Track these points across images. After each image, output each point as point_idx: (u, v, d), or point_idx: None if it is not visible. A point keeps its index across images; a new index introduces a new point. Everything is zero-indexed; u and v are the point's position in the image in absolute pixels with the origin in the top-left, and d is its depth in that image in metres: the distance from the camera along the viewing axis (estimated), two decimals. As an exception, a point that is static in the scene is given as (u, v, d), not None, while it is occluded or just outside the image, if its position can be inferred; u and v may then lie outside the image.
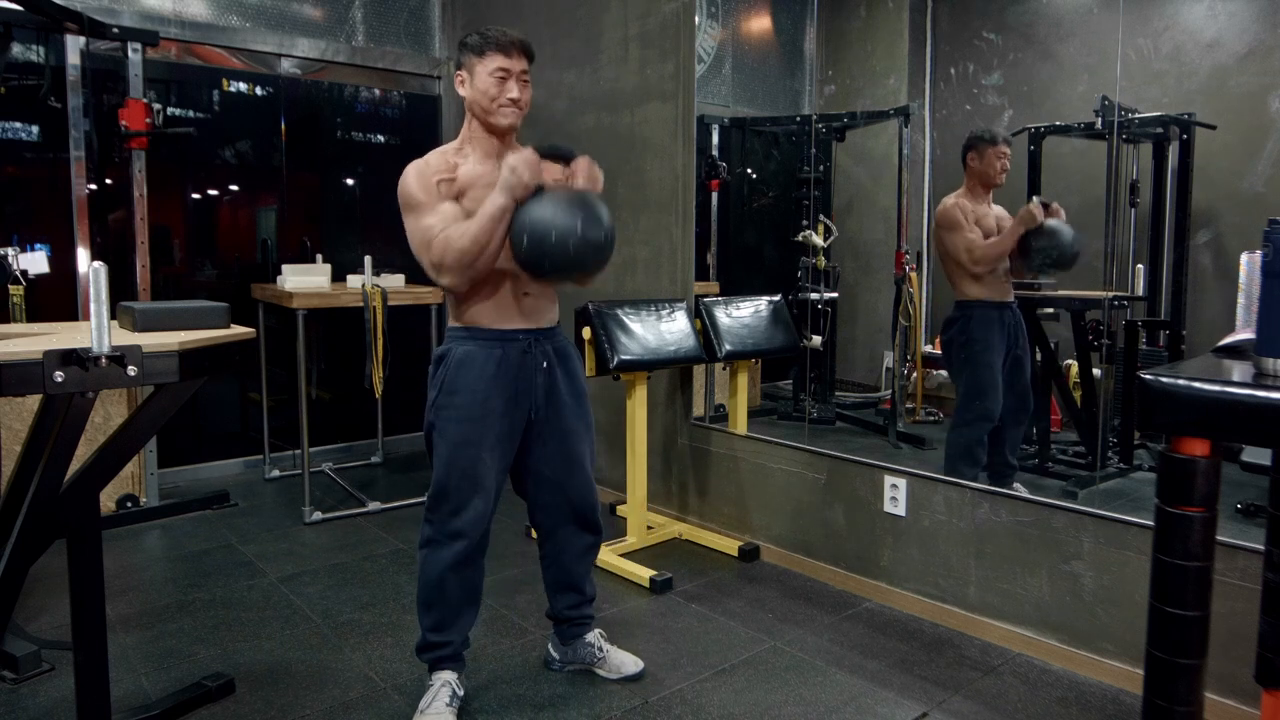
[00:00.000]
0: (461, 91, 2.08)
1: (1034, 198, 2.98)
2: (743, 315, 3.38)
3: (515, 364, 2.07)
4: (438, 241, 1.96)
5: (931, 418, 3.61)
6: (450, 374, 2.06)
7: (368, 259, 3.80)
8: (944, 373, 3.53)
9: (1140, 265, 3.01)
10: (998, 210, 3.08)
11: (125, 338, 1.66)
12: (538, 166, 1.92)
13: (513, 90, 2.03)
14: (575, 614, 2.32)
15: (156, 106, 3.58)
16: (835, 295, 3.67)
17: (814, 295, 3.61)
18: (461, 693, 2.13)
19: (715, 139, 3.93)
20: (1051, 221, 2.91)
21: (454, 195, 2.02)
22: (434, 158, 2.06)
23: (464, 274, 1.96)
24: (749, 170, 4.19)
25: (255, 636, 2.55)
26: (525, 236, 1.88)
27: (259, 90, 4.39)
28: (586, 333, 3.01)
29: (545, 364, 2.11)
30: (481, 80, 2.03)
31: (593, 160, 2.07)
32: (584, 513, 2.23)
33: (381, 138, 4.87)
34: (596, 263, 1.96)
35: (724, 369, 3.55)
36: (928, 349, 3.57)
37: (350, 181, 4.80)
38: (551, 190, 1.94)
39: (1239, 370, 1.34)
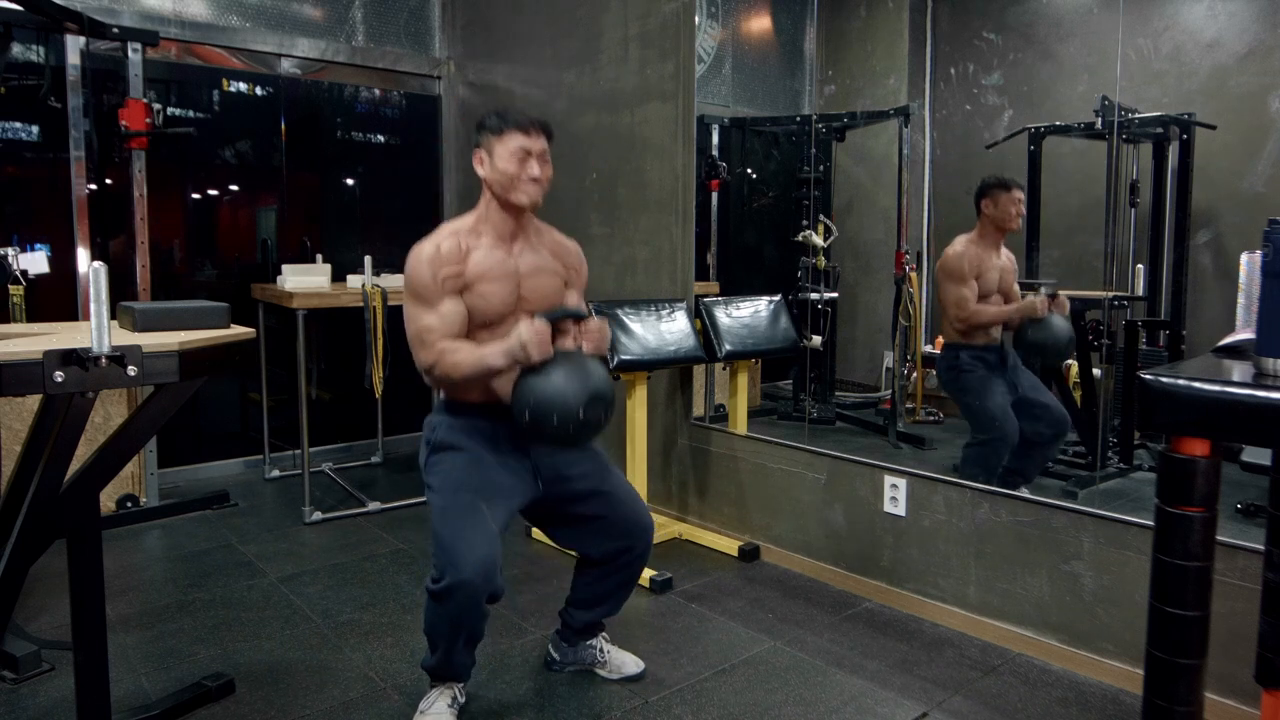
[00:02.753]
0: (480, 171, 2.05)
1: (1042, 288, 2.97)
2: (743, 315, 3.38)
3: (508, 435, 2.06)
4: (433, 350, 1.96)
5: (931, 418, 3.60)
6: (439, 436, 2.07)
7: (368, 259, 3.80)
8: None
9: (1140, 265, 3.01)
10: (1005, 260, 3.07)
11: (125, 338, 1.66)
12: (547, 345, 1.90)
13: (534, 169, 2.01)
14: (595, 624, 2.32)
15: (156, 106, 3.58)
16: (835, 295, 3.67)
17: (814, 295, 3.61)
18: (463, 699, 2.13)
19: (715, 139, 3.93)
20: (1053, 317, 2.91)
21: (460, 289, 2.00)
22: (446, 243, 2.01)
23: (450, 385, 2.01)
24: (749, 170, 4.19)
25: (255, 636, 2.55)
26: (527, 412, 1.89)
27: (259, 90, 4.39)
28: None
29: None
30: (501, 160, 2.00)
31: (604, 320, 2.06)
32: (635, 522, 2.17)
33: (381, 138, 4.87)
34: (595, 436, 2.00)
35: (724, 369, 3.55)
36: (928, 349, 3.57)
37: (350, 181, 4.80)
38: (557, 360, 1.92)
39: (1239, 370, 1.34)
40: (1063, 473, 3.03)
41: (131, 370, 1.56)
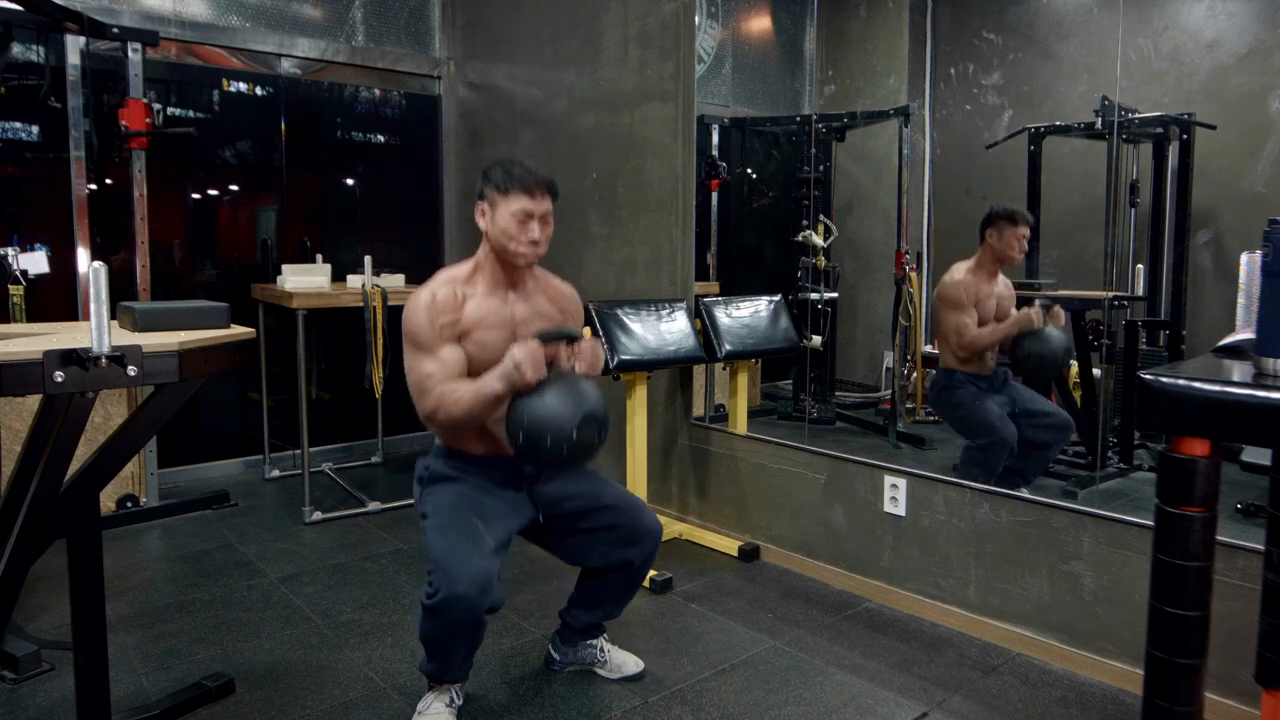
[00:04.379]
0: (481, 223, 2.05)
1: (1036, 302, 2.98)
2: (743, 315, 3.38)
3: (504, 474, 2.08)
4: (433, 395, 1.97)
5: (931, 418, 3.60)
6: (434, 470, 2.09)
7: (368, 259, 3.80)
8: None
9: (1140, 265, 3.01)
10: (1002, 287, 3.08)
11: (125, 338, 1.66)
12: (541, 364, 1.92)
13: (534, 232, 2.01)
14: (596, 625, 2.32)
15: (156, 106, 3.58)
16: (835, 295, 3.67)
17: (814, 295, 3.61)
18: (460, 701, 2.13)
19: (715, 139, 3.92)
20: (1049, 329, 2.92)
21: (457, 337, 2.01)
22: (442, 292, 2.02)
23: (453, 430, 2.03)
24: (749, 170, 4.19)
25: (255, 636, 2.55)
26: (521, 434, 1.90)
27: (259, 90, 4.39)
28: (586, 333, 3.01)
29: (539, 474, 2.13)
30: (503, 219, 2.00)
31: (597, 341, 2.07)
32: (642, 527, 2.17)
33: (381, 138, 4.87)
34: (589, 458, 2.01)
35: (724, 369, 3.55)
36: (928, 349, 3.57)
37: (350, 181, 4.80)
38: (551, 381, 1.93)
39: (1239, 370, 1.34)
40: (1063, 473, 3.03)
41: (131, 370, 1.56)
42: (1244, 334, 1.49)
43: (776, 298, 3.51)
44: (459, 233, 4.87)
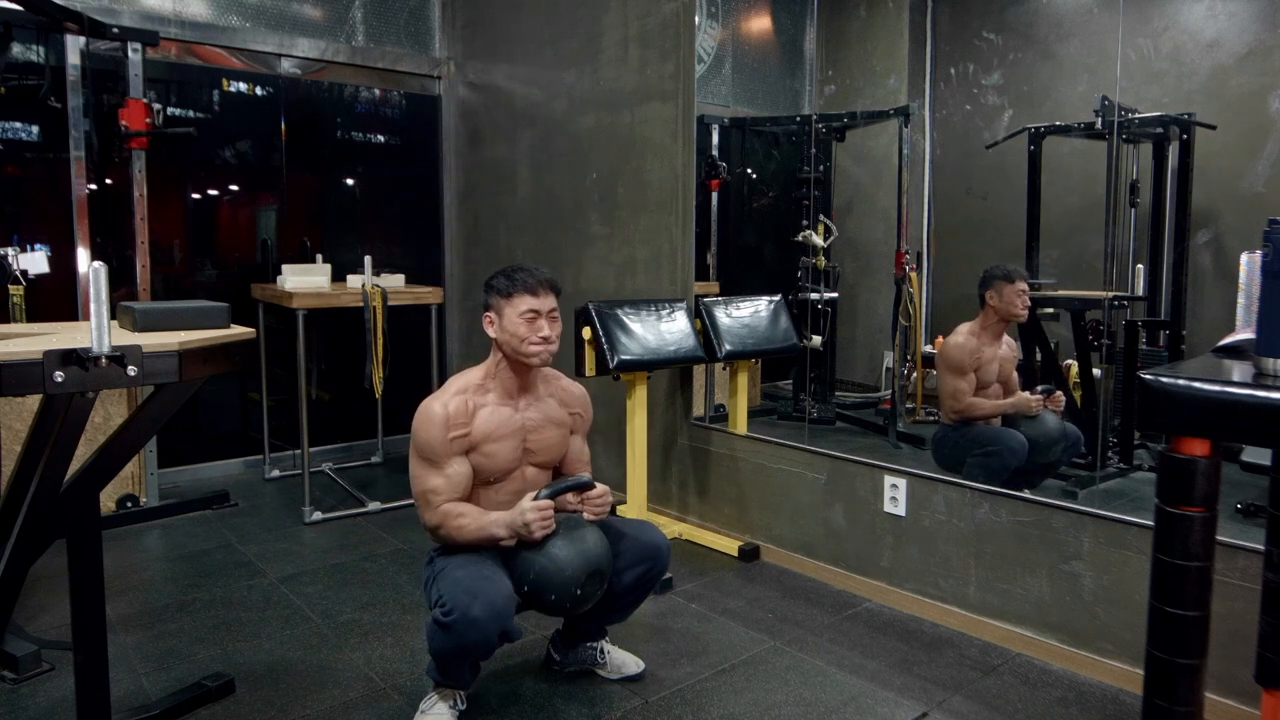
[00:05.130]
0: (490, 332, 2.09)
1: (1038, 389, 2.98)
2: (743, 315, 3.38)
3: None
4: (437, 513, 2.01)
5: (931, 418, 3.60)
6: (441, 552, 2.10)
7: (368, 259, 3.80)
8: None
9: (1140, 265, 3.01)
10: (1005, 350, 3.08)
11: (125, 338, 1.66)
12: (551, 524, 1.95)
13: (543, 329, 2.05)
14: (598, 628, 2.32)
15: (156, 106, 3.58)
16: (835, 295, 3.67)
17: (814, 295, 3.61)
18: (464, 705, 2.13)
19: (715, 139, 3.92)
20: (1046, 415, 2.93)
21: (466, 450, 2.04)
22: (454, 404, 2.04)
23: (451, 544, 2.05)
24: (749, 170, 4.19)
25: (255, 636, 2.55)
26: (526, 585, 1.96)
27: (259, 90, 4.39)
28: (586, 333, 3.01)
29: None
30: (510, 322, 2.04)
31: (606, 490, 2.09)
32: (651, 543, 2.17)
33: (381, 138, 4.87)
34: (589, 606, 2.05)
35: (724, 369, 3.55)
36: (928, 349, 3.57)
37: (350, 181, 4.80)
38: (558, 533, 1.97)
39: (1239, 370, 1.34)
40: (1063, 473, 3.03)
41: (131, 370, 1.56)
42: (1244, 334, 1.49)
43: (776, 298, 3.51)
44: (459, 232, 4.87)
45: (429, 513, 2.03)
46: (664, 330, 3.14)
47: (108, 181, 3.89)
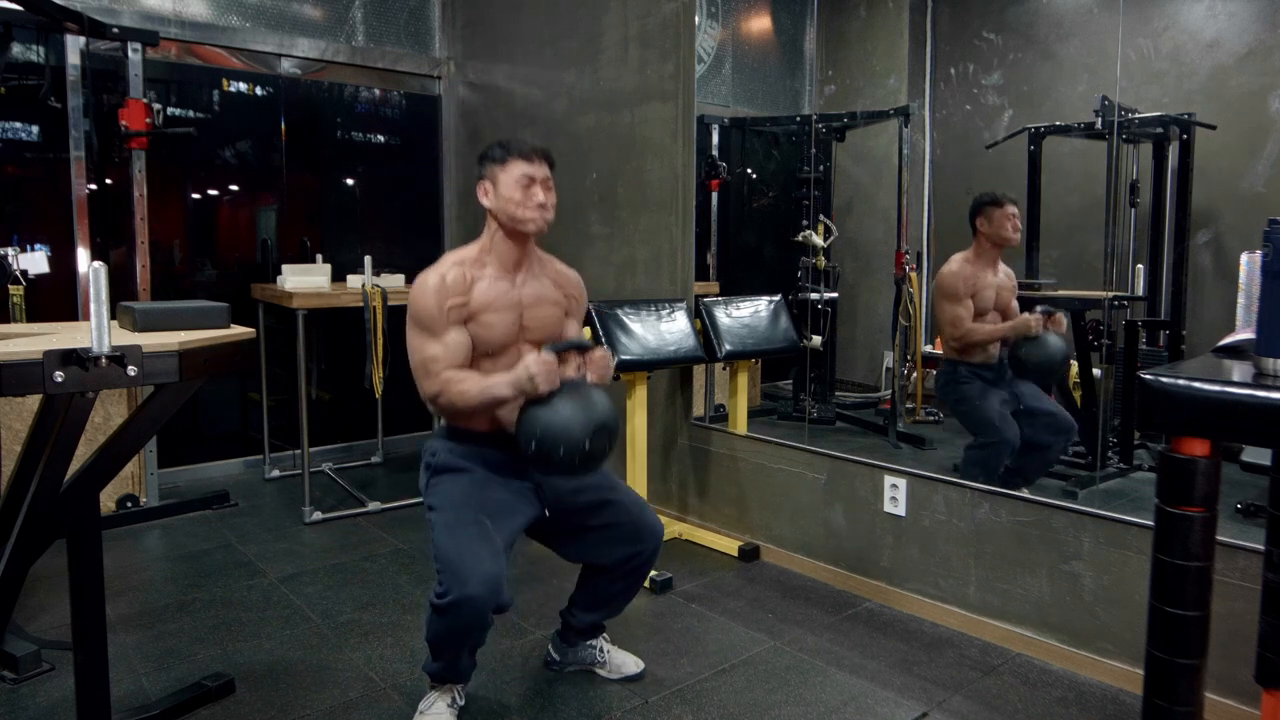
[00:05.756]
0: (485, 202, 2.07)
1: (1037, 308, 2.96)
2: (743, 315, 3.38)
3: (511, 460, 2.05)
4: (437, 380, 1.97)
5: (931, 418, 3.60)
6: (440, 460, 2.07)
7: (368, 259, 3.80)
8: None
9: (1140, 265, 3.01)
10: (1002, 277, 3.07)
11: (125, 338, 1.66)
12: (555, 377, 1.90)
13: (538, 195, 2.02)
14: (596, 625, 2.32)
15: (156, 106, 3.58)
16: (835, 295, 3.67)
17: (814, 295, 3.61)
18: (462, 701, 2.13)
19: (715, 139, 3.92)
20: (1049, 335, 2.92)
21: (464, 319, 2.01)
22: (451, 274, 2.02)
23: (454, 413, 2.02)
24: (749, 170, 4.19)
25: (255, 636, 2.55)
26: (533, 443, 1.90)
27: (259, 90, 4.39)
28: (586, 333, 3.01)
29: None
30: (506, 188, 2.02)
31: (608, 351, 2.07)
32: (645, 525, 2.16)
33: (381, 138, 4.87)
34: (600, 465, 2.00)
35: (724, 369, 3.55)
36: (928, 349, 3.57)
37: (350, 181, 4.80)
38: (563, 391, 1.93)
39: (1239, 370, 1.34)
40: (1063, 473, 3.03)
41: (131, 370, 1.56)
42: (1244, 334, 1.49)
43: (776, 298, 3.51)
44: (459, 232, 4.87)
45: (428, 381, 1.98)
46: (664, 330, 3.14)
47: (108, 181, 3.89)
